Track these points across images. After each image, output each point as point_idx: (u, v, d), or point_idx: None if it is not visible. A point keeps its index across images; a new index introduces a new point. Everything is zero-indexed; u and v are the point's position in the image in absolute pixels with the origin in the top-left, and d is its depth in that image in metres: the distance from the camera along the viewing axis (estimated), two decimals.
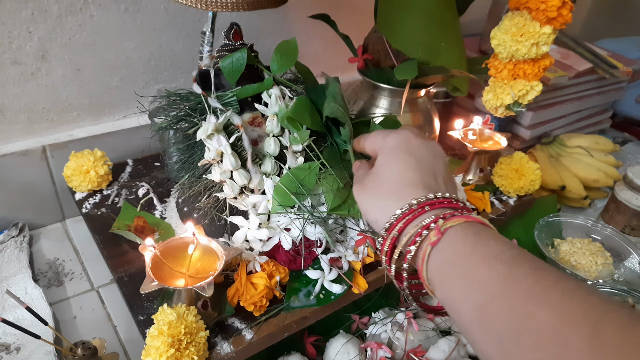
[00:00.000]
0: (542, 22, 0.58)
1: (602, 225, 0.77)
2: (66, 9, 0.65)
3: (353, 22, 0.79)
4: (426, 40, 0.64)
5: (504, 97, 0.64)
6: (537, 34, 0.58)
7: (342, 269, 0.55)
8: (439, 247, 0.34)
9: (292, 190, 0.54)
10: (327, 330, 0.58)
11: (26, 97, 0.67)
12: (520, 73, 0.63)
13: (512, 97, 0.63)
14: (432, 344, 0.57)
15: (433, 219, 0.35)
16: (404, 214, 0.37)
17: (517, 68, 0.63)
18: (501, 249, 0.32)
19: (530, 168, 0.73)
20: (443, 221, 0.35)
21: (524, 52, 0.60)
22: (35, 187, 0.71)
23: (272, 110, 0.57)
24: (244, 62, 0.54)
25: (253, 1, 0.52)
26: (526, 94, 0.63)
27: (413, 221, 0.37)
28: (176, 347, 0.41)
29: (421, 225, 0.35)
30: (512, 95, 0.63)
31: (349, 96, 0.77)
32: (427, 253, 0.34)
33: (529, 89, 0.63)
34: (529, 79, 0.63)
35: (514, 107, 0.65)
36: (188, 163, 0.58)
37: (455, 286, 0.33)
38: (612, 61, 1.03)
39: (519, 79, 0.63)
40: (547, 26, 0.58)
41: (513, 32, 0.59)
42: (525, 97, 0.63)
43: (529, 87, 0.63)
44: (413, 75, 0.61)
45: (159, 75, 0.78)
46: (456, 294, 0.32)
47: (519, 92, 0.63)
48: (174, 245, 0.50)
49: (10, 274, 0.62)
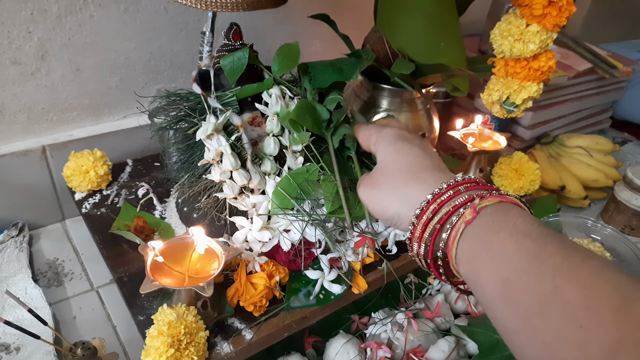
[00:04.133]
0: (528, 19, 0.58)
1: (601, 225, 0.77)
2: (66, 9, 0.65)
3: (353, 22, 0.79)
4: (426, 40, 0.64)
5: (494, 93, 0.65)
6: (520, 31, 0.59)
7: (342, 269, 0.55)
8: (470, 225, 0.34)
9: (291, 193, 0.54)
10: (327, 331, 0.59)
11: (26, 97, 0.67)
12: (512, 72, 0.63)
13: (500, 94, 0.64)
14: (432, 344, 0.57)
15: (466, 198, 0.35)
16: (436, 196, 0.37)
17: (509, 67, 0.63)
18: (530, 227, 0.32)
19: (530, 168, 0.73)
20: (479, 200, 0.34)
21: (508, 49, 0.60)
22: (35, 187, 0.71)
23: (272, 110, 0.57)
24: (245, 62, 0.54)
25: (253, 1, 0.52)
26: (514, 93, 0.63)
27: (448, 202, 0.36)
28: (176, 347, 0.41)
29: (454, 204, 0.35)
30: (501, 92, 0.63)
31: (349, 96, 0.77)
32: (460, 231, 0.34)
33: (520, 89, 0.63)
34: (520, 78, 0.63)
35: (506, 106, 0.65)
36: (188, 163, 0.58)
37: (481, 261, 0.33)
38: (612, 61, 1.03)
39: (514, 78, 0.64)
40: (534, 25, 0.58)
41: (502, 28, 0.60)
42: (516, 96, 0.63)
43: (521, 87, 0.63)
44: (410, 70, 0.62)
45: (159, 75, 0.78)
46: (482, 268, 0.32)
47: (507, 90, 0.63)
48: (173, 246, 0.50)
49: (10, 274, 0.62)
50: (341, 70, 0.59)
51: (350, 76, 0.58)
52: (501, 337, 0.32)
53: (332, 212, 0.54)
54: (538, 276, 0.28)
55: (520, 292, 0.29)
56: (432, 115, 0.77)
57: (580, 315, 0.26)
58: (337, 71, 0.59)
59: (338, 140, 0.56)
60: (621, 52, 1.11)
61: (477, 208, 0.34)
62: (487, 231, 0.33)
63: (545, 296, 0.27)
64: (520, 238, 0.31)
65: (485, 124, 0.79)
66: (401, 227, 0.41)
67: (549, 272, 0.28)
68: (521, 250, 0.30)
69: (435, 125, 0.78)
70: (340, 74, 0.59)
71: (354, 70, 0.58)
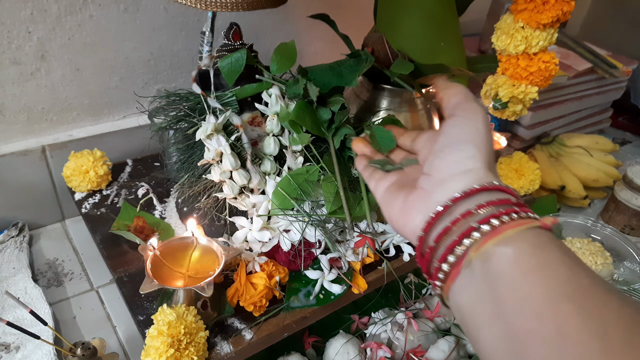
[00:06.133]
0: (515, 14, 0.59)
1: (601, 225, 0.77)
2: (65, 8, 0.65)
3: (353, 22, 0.79)
4: (426, 40, 0.64)
5: (485, 87, 0.66)
6: (508, 26, 0.59)
7: (342, 269, 0.55)
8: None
9: (291, 193, 0.54)
10: (327, 331, 0.58)
11: (25, 97, 0.67)
12: (503, 69, 0.64)
13: (488, 89, 0.64)
14: (432, 344, 0.57)
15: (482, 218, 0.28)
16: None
17: (502, 65, 0.64)
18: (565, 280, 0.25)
19: (530, 168, 0.73)
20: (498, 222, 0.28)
21: (498, 44, 0.62)
22: (35, 187, 0.71)
23: (272, 110, 0.57)
24: (243, 63, 0.54)
25: (252, 1, 0.52)
26: (498, 88, 0.64)
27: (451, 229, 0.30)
28: (176, 347, 0.41)
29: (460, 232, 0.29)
30: (489, 87, 0.64)
31: (349, 96, 0.77)
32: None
33: (506, 87, 0.64)
34: (509, 76, 0.63)
35: (495, 102, 0.65)
36: (188, 163, 0.58)
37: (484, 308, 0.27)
38: (612, 61, 1.03)
39: (503, 76, 0.64)
40: (520, 21, 0.59)
41: (497, 24, 0.62)
42: (501, 92, 0.64)
43: (508, 85, 0.63)
44: (409, 70, 0.62)
45: (159, 75, 0.78)
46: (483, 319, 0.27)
47: (492, 84, 0.64)
48: (173, 246, 0.50)
49: (10, 274, 0.62)
50: (341, 74, 0.59)
51: (350, 81, 0.58)
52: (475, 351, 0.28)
53: (332, 212, 0.54)
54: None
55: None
56: (432, 116, 0.77)
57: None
58: (336, 75, 0.59)
59: (339, 140, 0.56)
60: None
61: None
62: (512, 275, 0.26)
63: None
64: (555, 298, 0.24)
65: None
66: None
67: None
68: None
69: (436, 125, 0.78)
70: (340, 78, 0.59)
71: (354, 75, 0.58)
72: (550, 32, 0.59)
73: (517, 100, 0.64)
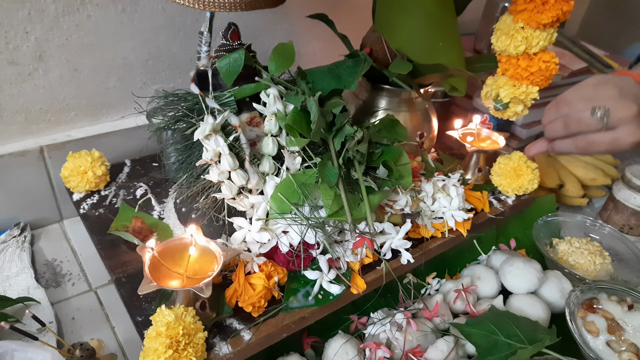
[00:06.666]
0: (515, 15, 0.59)
1: (600, 224, 0.77)
2: (63, 9, 0.65)
3: (351, 22, 0.79)
4: (424, 40, 0.64)
5: (485, 88, 0.66)
6: (507, 27, 0.60)
7: (341, 269, 0.55)
8: None
9: (289, 197, 0.54)
10: (326, 331, 0.58)
11: (23, 97, 0.67)
12: (503, 69, 0.64)
13: (489, 90, 0.65)
14: (431, 344, 0.57)
15: None
16: None
17: (502, 66, 0.64)
18: None
19: (529, 167, 0.73)
20: None
21: (498, 45, 0.62)
22: (33, 188, 0.71)
23: (270, 110, 0.57)
24: (241, 63, 0.54)
25: (251, 1, 0.52)
26: (499, 89, 0.64)
27: None
28: (174, 348, 0.41)
29: None
30: (490, 88, 0.65)
31: (347, 96, 0.77)
32: None
33: (505, 87, 0.64)
34: (510, 76, 0.64)
35: (496, 103, 0.66)
36: (186, 163, 0.58)
37: None
38: (608, 61, 1.03)
39: (504, 77, 0.65)
40: (520, 21, 0.59)
41: (496, 25, 0.62)
42: (502, 93, 0.64)
43: (509, 86, 0.64)
44: (407, 70, 0.62)
45: (157, 76, 0.78)
46: None
47: (493, 85, 0.64)
48: (172, 246, 0.50)
49: (12, 274, 0.62)
50: (339, 76, 0.59)
51: (349, 84, 0.58)
52: None
53: (331, 215, 0.54)
54: None
55: None
56: (430, 115, 0.77)
57: None
58: (335, 77, 0.59)
59: (339, 142, 0.56)
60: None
61: None
62: None
63: None
64: None
65: (483, 124, 0.79)
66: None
67: None
68: None
69: (434, 124, 0.78)
70: (339, 81, 0.59)
71: (353, 78, 0.58)
72: (550, 32, 0.60)
73: (518, 100, 0.64)
